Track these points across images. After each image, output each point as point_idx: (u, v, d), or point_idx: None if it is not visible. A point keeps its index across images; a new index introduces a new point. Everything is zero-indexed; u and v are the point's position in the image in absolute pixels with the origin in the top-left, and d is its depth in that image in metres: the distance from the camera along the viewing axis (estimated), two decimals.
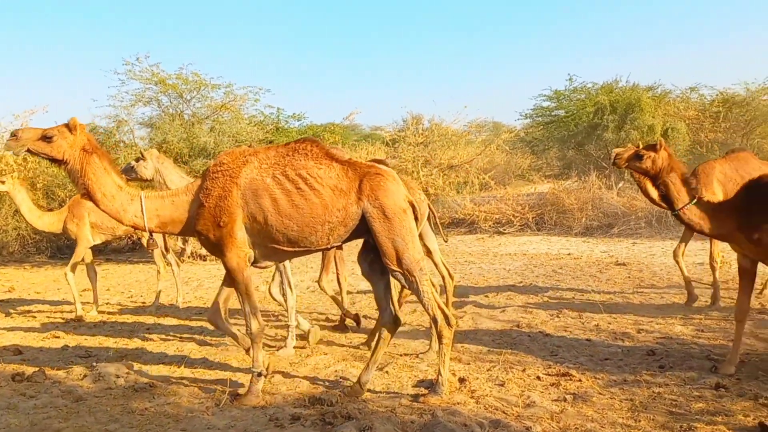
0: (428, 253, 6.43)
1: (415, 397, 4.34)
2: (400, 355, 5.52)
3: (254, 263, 4.47)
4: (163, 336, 6.71)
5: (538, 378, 4.74)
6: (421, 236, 6.32)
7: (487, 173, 17.75)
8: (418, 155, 17.39)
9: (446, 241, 6.37)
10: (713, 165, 6.93)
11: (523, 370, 4.93)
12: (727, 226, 4.57)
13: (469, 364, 5.20)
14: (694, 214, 4.62)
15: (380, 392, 4.54)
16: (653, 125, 18.37)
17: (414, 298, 4.59)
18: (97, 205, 4.36)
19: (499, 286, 9.03)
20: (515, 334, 6.21)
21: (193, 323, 7.31)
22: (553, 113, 21.67)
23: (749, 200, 4.47)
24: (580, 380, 4.62)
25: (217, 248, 4.36)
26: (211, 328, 7.01)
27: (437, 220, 6.38)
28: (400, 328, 6.48)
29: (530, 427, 3.73)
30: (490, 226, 15.99)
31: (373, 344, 4.97)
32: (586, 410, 4.02)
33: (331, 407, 4.16)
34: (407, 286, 4.31)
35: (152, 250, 8.28)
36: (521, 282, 9.32)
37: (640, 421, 3.81)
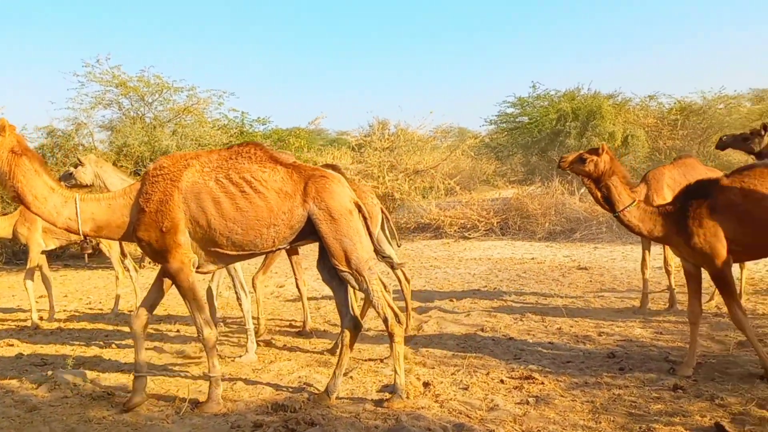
0: (390, 260, 6.47)
1: (380, 402, 4.32)
2: (365, 360, 5.50)
3: (197, 269, 4.37)
4: (123, 343, 6.55)
5: (502, 381, 4.77)
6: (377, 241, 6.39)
7: (452, 178, 17.87)
8: (383, 160, 17.42)
9: (399, 246, 6.41)
10: (663, 171, 7.13)
11: (487, 374, 4.96)
12: (665, 230, 4.72)
13: (433, 368, 5.20)
14: (633, 216, 4.76)
15: (344, 397, 4.50)
16: (614, 132, 18.79)
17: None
18: (28, 208, 4.22)
19: (464, 291, 9.08)
20: (479, 338, 6.25)
21: (153, 330, 7.16)
22: (517, 120, 22.01)
23: (686, 204, 4.63)
24: (542, 383, 4.66)
25: (159, 255, 4.24)
26: (175, 333, 6.90)
27: (391, 224, 6.41)
28: (366, 333, 6.48)
29: (493, 430, 3.75)
30: (455, 230, 16.09)
31: (337, 351, 4.92)
32: (548, 412, 4.06)
33: (295, 413, 4.12)
34: (356, 287, 4.29)
35: (86, 254, 8.11)
36: (486, 286, 9.39)
37: (600, 422, 3.86)
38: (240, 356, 5.72)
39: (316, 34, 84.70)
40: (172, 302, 8.33)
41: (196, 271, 4.34)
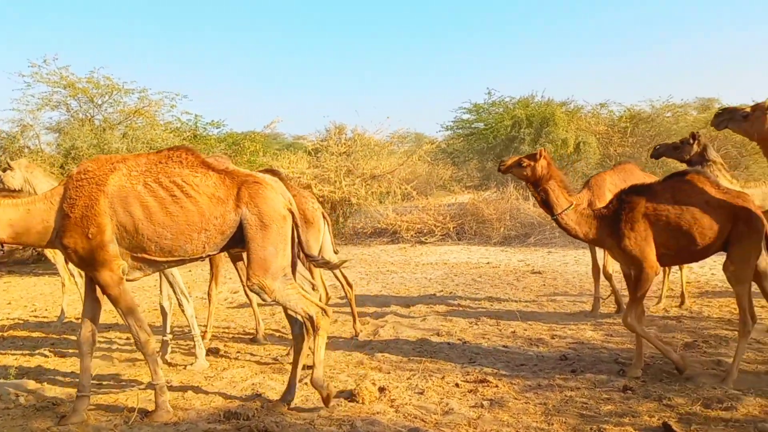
0: (326, 263, 6.48)
1: (334, 409, 4.29)
2: None
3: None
4: (69, 352, 6.34)
5: (457, 385, 4.79)
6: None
7: (409, 183, 17.94)
8: (340, 165, 17.36)
9: (336, 252, 6.46)
10: (604, 177, 7.36)
11: (443, 378, 4.97)
12: (600, 232, 4.91)
13: (389, 373, 5.19)
14: (571, 220, 4.92)
15: (298, 404, 4.45)
16: (566, 139, 19.20)
17: (334, 307, 4.54)
18: None
19: (420, 295, 9.11)
20: (435, 342, 6.27)
21: (101, 337, 6.95)
22: (472, 126, 22.28)
23: (618, 208, 4.83)
24: (496, 386, 4.70)
25: (86, 263, 4.07)
26: (124, 341, 6.70)
27: (331, 230, 6.46)
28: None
29: None
30: (412, 235, 16.14)
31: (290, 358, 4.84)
32: (502, 415, 4.09)
33: (248, 421, 4.04)
34: (265, 299, 4.16)
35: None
36: (442, 291, 9.44)
37: (552, 424, 3.91)
38: (191, 364, 5.60)
39: (271, 37, 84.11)
40: None
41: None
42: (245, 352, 6.12)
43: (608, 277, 7.32)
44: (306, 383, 4.89)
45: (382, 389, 4.62)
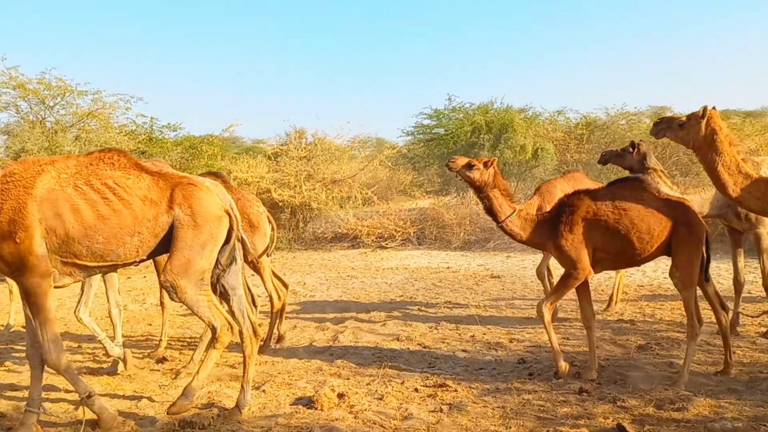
0: (257, 268, 6.51)
1: (293, 416, 4.23)
2: (278, 373, 5.38)
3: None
4: (17, 362, 6.11)
5: (416, 390, 4.79)
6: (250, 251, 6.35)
7: (370, 188, 17.94)
8: (300, 169, 17.24)
9: (269, 255, 6.46)
10: (554, 183, 7.55)
11: (402, 383, 4.96)
12: (542, 235, 5.07)
13: (348, 379, 5.16)
14: (515, 225, 5.09)
15: (256, 412, 4.38)
16: (525, 145, 19.48)
17: (293, 313, 4.46)
18: None
19: (380, 300, 9.10)
20: (395, 347, 6.26)
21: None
22: (433, 131, 22.42)
23: (560, 211, 5.00)
24: (456, 390, 4.72)
25: (14, 268, 3.89)
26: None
27: (274, 233, 6.46)
28: (280, 344, 6.36)
29: None
30: (372, 240, 16.13)
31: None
32: (461, 419, 4.11)
33: (203, 430, 3.97)
34: (174, 299, 4.07)
35: None
36: (402, 296, 9.45)
37: (510, 427, 3.94)
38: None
39: (231, 39, 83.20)
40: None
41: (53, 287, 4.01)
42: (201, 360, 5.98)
43: (542, 278, 7.49)
44: (264, 390, 4.83)
45: (341, 395, 4.59)
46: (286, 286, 6.74)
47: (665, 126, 4.93)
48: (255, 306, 6.07)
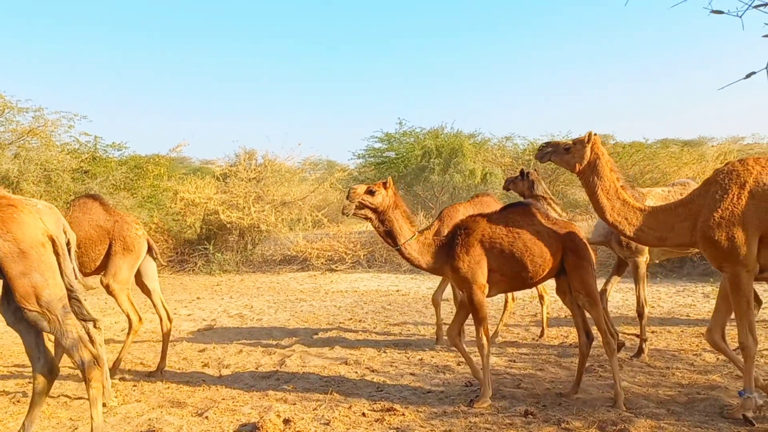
0: (148, 292, 6.43)
1: None
2: (222, 399, 5.24)
3: None
4: None
5: (364, 414, 4.73)
6: (141, 274, 6.33)
7: (320, 210, 17.88)
8: (250, 191, 17.06)
9: (160, 264, 6.41)
10: (457, 208, 7.69)
11: (349, 407, 4.90)
12: (440, 260, 5.11)
13: (295, 404, 5.07)
14: (413, 250, 5.10)
15: None
16: (474, 170, 19.83)
17: (240, 337, 4.29)
18: None
19: (329, 324, 9.01)
20: (343, 371, 6.19)
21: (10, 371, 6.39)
22: (384, 155, 22.58)
23: (454, 235, 5.08)
24: (403, 414, 4.69)
25: None
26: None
27: (158, 257, 6.43)
28: (221, 372, 6.21)
29: None
30: (322, 263, 16.03)
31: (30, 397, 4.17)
32: None
33: None
34: (46, 328, 3.84)
35: None
36: (351, 318, 9.39)
37: None
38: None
39: (180, 57, 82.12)
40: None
41: None
42: (142, 386, 5.79)
43: (436, 305, 7.58)
44: (206, 417, 4.69)
45: (286, 421, 4.49)
46: (170, 319, 6.49)
47: (552, 150, 5.05)
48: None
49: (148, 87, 78.35)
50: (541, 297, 7.74)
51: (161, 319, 6.41)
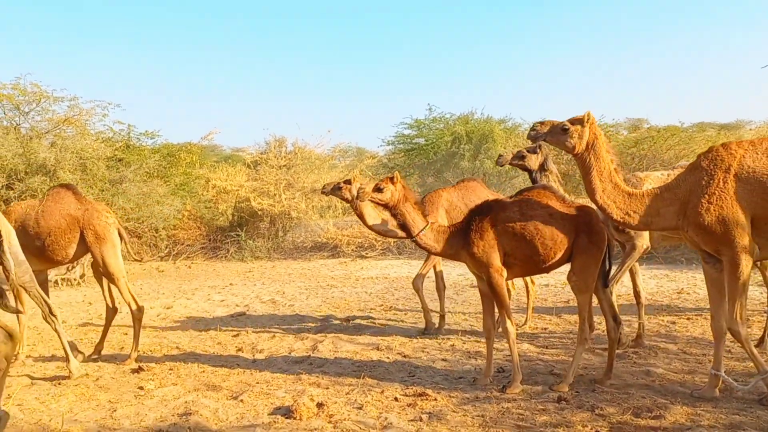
0: (100, 278, 6.55)
1: (271, 426, 4.18)
2: (256, 383, 5.32)
3: None
4: None
5: (396, 399, 4.76)
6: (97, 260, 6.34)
7: None
8: (280, 178, 17.20)
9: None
10: (441, 193, 7.63)
11: (382, 392, 4.94)
12: (455, 246, 5.13)
13: (328, 388, 5.12)
14: (429, 239, 5.14)
15: (234, 422, 4.33)
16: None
17: (272, 323, 4.28)
18: None
19: (360, 310, 9.07)
20: (375, 356, 6.23)
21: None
22: (413, 141, 22.48)
23: (471, 220, 5.09)
24: (435, 399, 4.70)
25: None
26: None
27: (127, 245, 6.51)
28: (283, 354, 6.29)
29: None
30: (352, 250, 16.11)
31: None
32: (441, 428, 4.09)
33: None
34: None
35: None
36: (382, 305, 9.43)
37: None
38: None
39: (210, 47, 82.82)
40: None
41: None
42: (178, 370, 5.91)
43: (417, 289, 7.51)
44: (242, 400, 4.78)
45: (320, 405, 4.55)
46: (140, 308, 6.42)
47: (548, 131, 4.84)
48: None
49: (180, 75, 79.32)
50: (527, 285, 7.66)
51: (107, 307, 6.58)
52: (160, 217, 14.37)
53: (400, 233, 5.49)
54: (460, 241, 5.10)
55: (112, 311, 6.60)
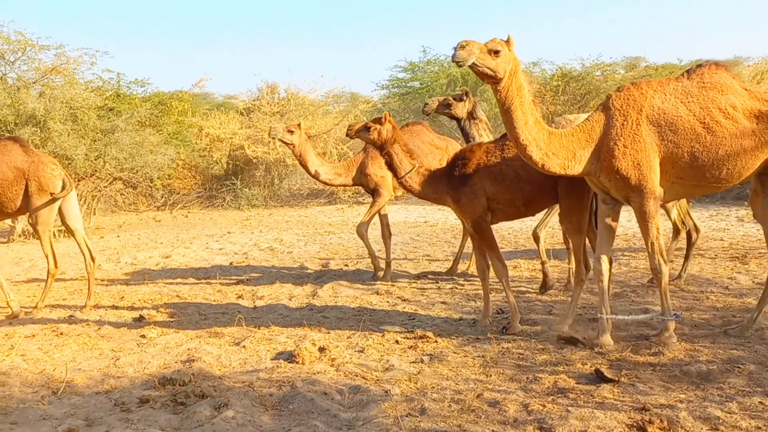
0: (71, 232, 6.56)
1: (274, 370, 4.23)
2: (257, 328, 5.36)
3: None
4: None
5: (397, 342, 4.81)
6: (64, 215, 6.42)
7: (345, 143, 17.79)
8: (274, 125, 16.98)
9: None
10: None
11: (383, 335, 4.98)
12: (440, 190, 5.18)
13: (329, 332, 5.16)
14: (414, 182, 5.16)
15: (237, 367, 4.37)
16: None
17: (272, 269, 4.33)
18: None
19: (358, 255, 9.09)
20: (375, 301, 6.28)
21: (27, 306, 6.61)
22: (408, 85, 22.19)
23: (453, 168, 5.14)
24: (436, 341, 4.75)
25: None
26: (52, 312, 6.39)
27: (69, 191, 6.41)
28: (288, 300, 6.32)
29: (389, 390, 3.76)
30: (349, 196, 16.09)
31: None
32: (442, 369, 4.14)
33: (184, 387, 3.93)
34: None
35: None
36: (380, 250, 9.44)
37: (491, 375, 3.99)
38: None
39: None
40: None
41: None
42: (179, 317, 5.94)
43: (361, 236, 7.45)
44: (244, 346, 4.82)
45: (322, 349, 4.59)
46: (93, 258, 6.55)
47: (477, 51, 4.02)
48: None
49: (168, 20, 77.36)
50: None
51: (85, 259, 6.54)
52: (154, 166, 14.20)
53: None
54: (444, 186, 5.14)
55: (90, 262, 6.56)
